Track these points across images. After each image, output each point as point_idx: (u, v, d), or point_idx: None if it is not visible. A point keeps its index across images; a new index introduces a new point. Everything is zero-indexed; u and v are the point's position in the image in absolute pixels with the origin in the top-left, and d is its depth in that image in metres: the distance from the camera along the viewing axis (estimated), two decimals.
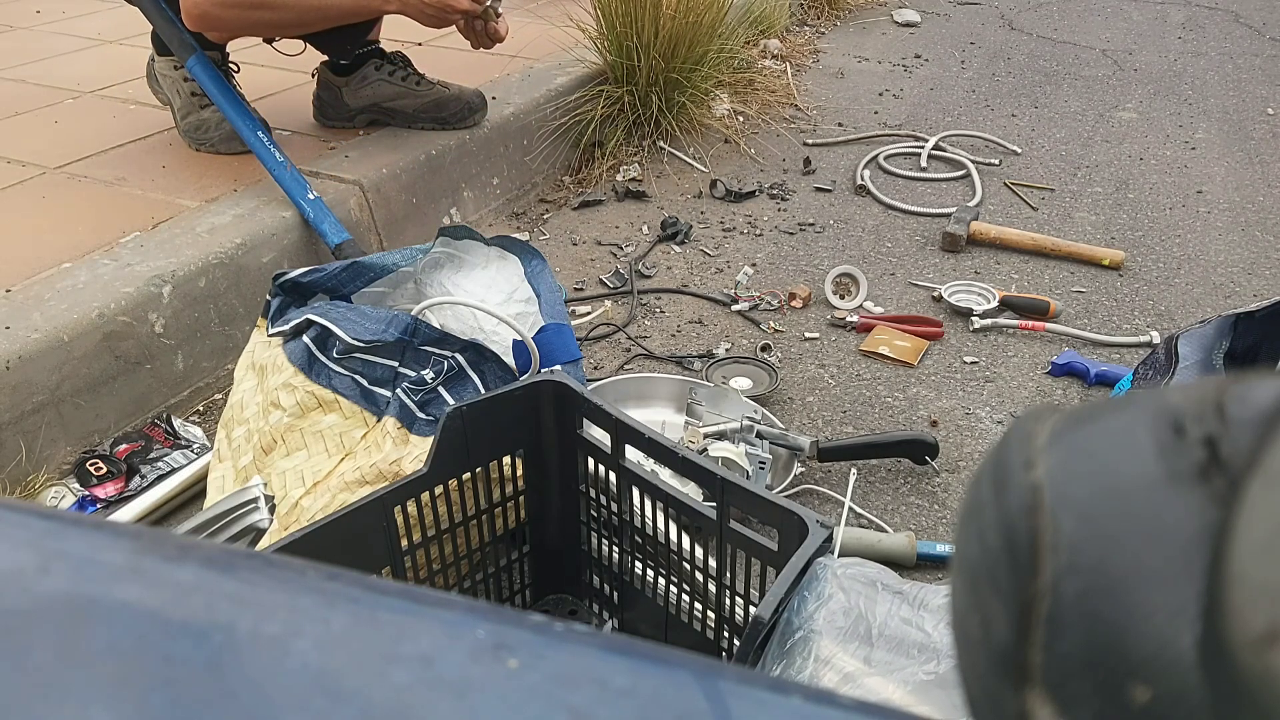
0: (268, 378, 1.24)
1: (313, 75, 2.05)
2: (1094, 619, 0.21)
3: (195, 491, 1.30)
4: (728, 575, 0.95)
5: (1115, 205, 2.26)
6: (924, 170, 2.42)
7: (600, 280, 1.89)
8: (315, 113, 2.06)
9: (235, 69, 1.91)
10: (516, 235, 1.91)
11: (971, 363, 1.65)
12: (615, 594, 1.11)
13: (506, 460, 1.05)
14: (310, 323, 1.23)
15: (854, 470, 1.38)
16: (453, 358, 1.18)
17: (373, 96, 2.00)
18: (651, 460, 1.00)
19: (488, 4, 1.79)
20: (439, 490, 0.99)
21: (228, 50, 1.89)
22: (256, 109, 1.81)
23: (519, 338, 1.20)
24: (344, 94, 2.01)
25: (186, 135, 1.90)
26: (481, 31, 1.83)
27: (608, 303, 1.82)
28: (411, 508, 0.97)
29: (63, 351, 1.32)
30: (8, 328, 1.31)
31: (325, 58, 2.02)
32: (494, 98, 2.16)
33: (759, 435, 1.34)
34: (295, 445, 1.17)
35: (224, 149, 1.87)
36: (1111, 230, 2.14)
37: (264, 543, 1.08)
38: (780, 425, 1.42)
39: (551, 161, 2.30)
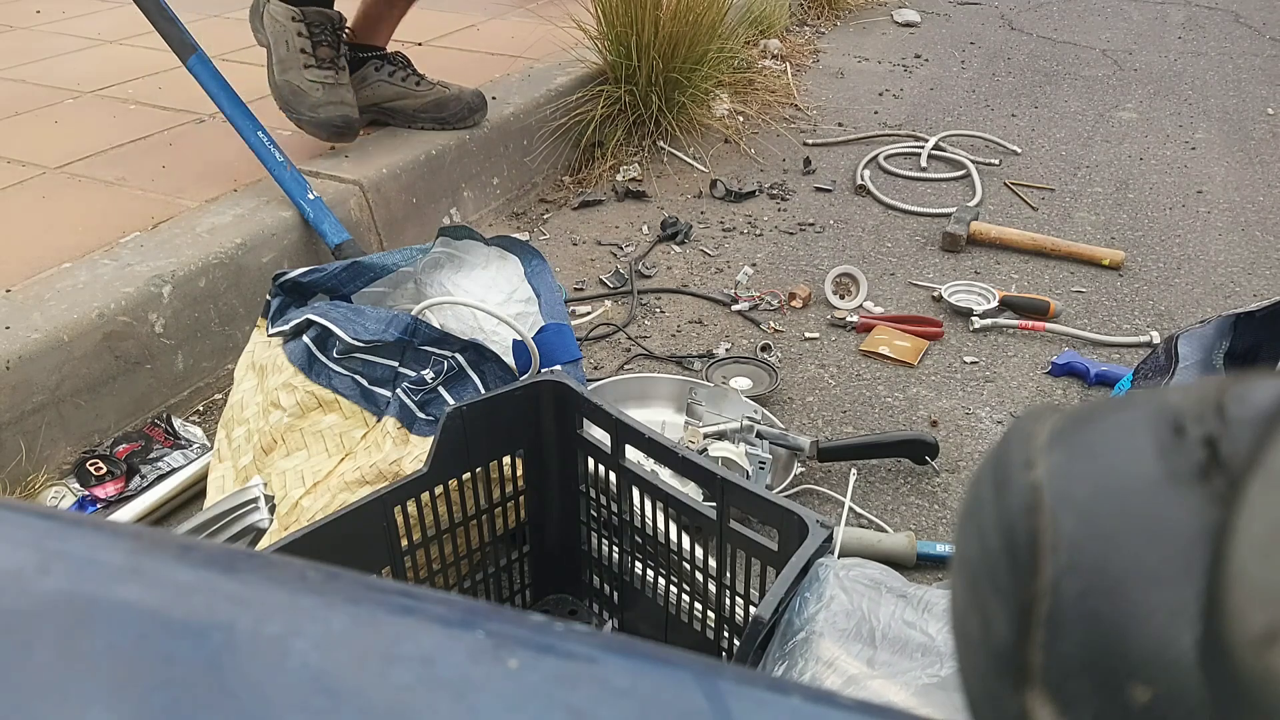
0: (268, 378, 1.24)
1: None
2: (1094, 619, 0.21)
3: (195, 491, 1.31)
4: (728, 575, 0.95)
5: (1115, 205, 2.26)
6: (924, 170, 2.42)
7: (600, 280, 1.89)
8: None
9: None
10: (516, 235, 1.90)
11: (971, 363, 1.65)
12: (615, 594, 1.11)
13: (506, 460, 1.05)
14: (310, 323, 1.23)
15: (854, 470, 1.38)
16: (453, 358, 1.18)
17: (373, 97, 2.00)
18: (651, 460, 1.00)
19: None
20: (439, 490, 0.99)
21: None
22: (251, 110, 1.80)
23: (519, 338, 1.20)
24: None
25: (279, 93, 1.81)
26: None
27: (608, 303, 1.82)
28: (411, 508, 0.97)
29: (63, 351, 1.32)
30: (8, 328, 1.31)
31: None
32: (494, 98, 2.16)
33: (759, 435, 1.34)
34: (295, 445, 1.17)
35: (310, 130, 1.80)
36: (1111, 230, 2.14)
37: (264, 543, 1.08)
38: (780, 425, 1.42)
39: (551, 161, 2.30)
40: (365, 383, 1.20)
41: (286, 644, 0.24)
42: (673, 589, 1.03)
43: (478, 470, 1.02)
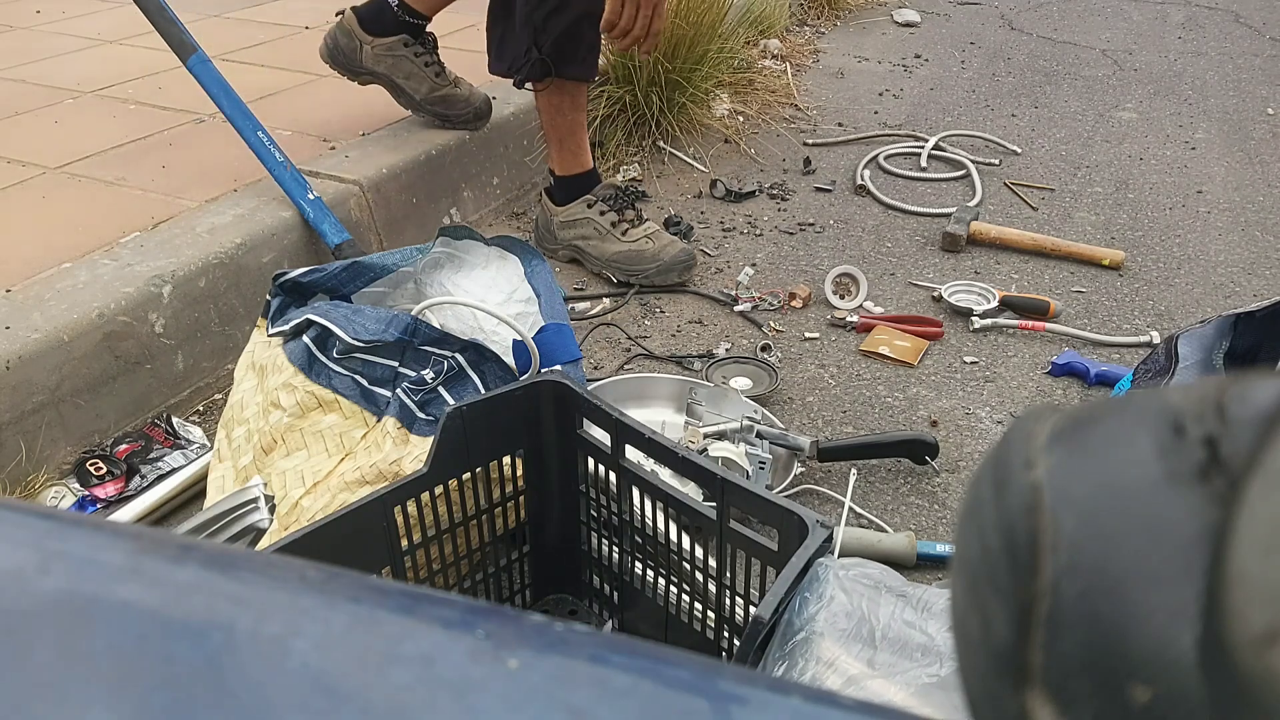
0: (268, 378, 1.24)
1: (338, 14, 2.01)
2: (1094, 619, 0.21)
3: (195, 491, 1.30)
4: (728, 575, 0.95)
5: (1115, 205, 2.26)
6: (924, 170, 2.42)
7: (600, 279, 1.89)
8: (324, 51, 2.01)
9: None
10: (516, 235, 1.91)
11: (971, 363, 1.65)
12: (615, 594, 1.11)
13: (506, 460, 1.05)
14: (310, 323, 1.23)
15: (854, 470, 1.38)
16: (453, 358, 1.18)
17: (390, 69, 1.98)
18: (651, 460, 1.00)
19: None
20: (439, 490, 0.99)
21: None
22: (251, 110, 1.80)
23: (519, 338, 1.20)
24: (363, 52, 1.97)
25: (616, 268, 1.86)
26: (645, 25, 1.66)
27: (606, 301, 1.82)
28: (411, 508, 0.97)
29: (63, 351, 1.32)
30: (8, 328, 1.31)
31: (358, 3, 1.99)
32: (494, 98, 2.16)
33: (759, 435, 1.34)
34: (295, 445, 1.17)
35: (662, 279, 1.84)
36: (1111, 230, 2.14)
37: (264, 543, 1.08)
38: (780, 425, 1.42)
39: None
40: (365, 383, 1.20)
41: (286, 644, 0.24)
42: (673, 589, 1.03)
43: (478, 470, 1.02)
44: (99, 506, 1.28)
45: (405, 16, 1.97)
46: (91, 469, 1.31)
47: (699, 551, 1.00)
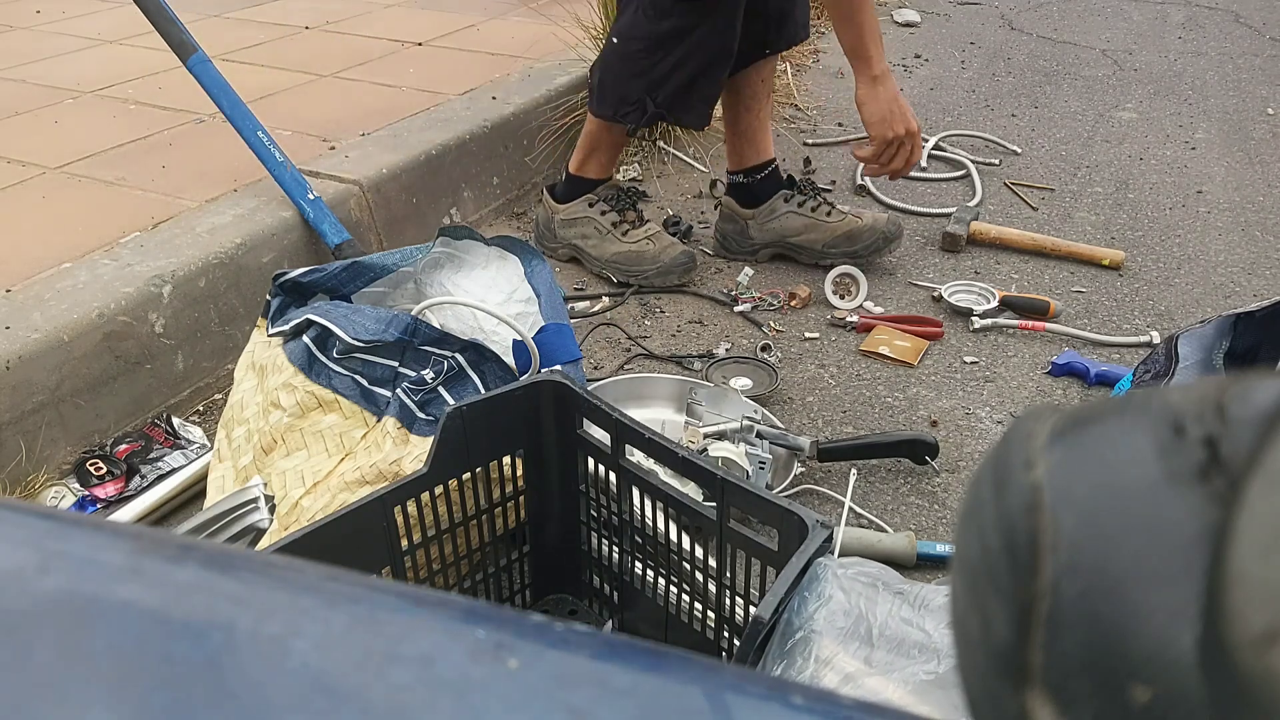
0: (268, 378, 1.24)
1: (716, 208, 2.02)
2: (1094, 619, 0.21)
3: (195, 491, 1.31)
4: (728, 575, 0.95)
5: (1115, 205, 2.26)
6: (924, 170, 2.42)
7: (601, 279, 1.89)
8: (717, 246, 2.00)
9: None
10: (516, 235, 1.91)
11: (971, 363, 1.65)
12: (615, 594, 1.11)
13: (506, 460, 1.05)
14: (310, 323, 1.23)
15: (854, 470, 1.38)
16: (453, 358, 1.18)
17: (780, 230, 1.92)
18: (651, 460, 1.00)
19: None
20: (439, 490, 0.99)
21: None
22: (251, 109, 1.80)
23: (519, 338, 1.20)
24: (750, 227, 1.94)
25: (614, 269, 1.86)
26: (904, 160, 1.72)
27: (606, 301, 1.82)
28: (411, 508, 0.97)
29: (63, 351, 1.32)
30: (8, 328, 1.31)
31: (726, 194, 1.97)
32: (494, 97, 2.16)
33: (759, 435, 1.34)
34: (295, 445, 1.17)
35: (660, 281, 1.84)
36: (1111, 230, 2.14)
37: (264, 543, 1.09)
38: (780, 425, 1.42)
39: (552, 161, 2.29)
40: (365, 383, 1.20)
41: (286, 644, 0.24)
42: (673, 589, 1.03)
43: (478, 470, 1.02)
44: (99, 506, 1.28)
45: (754, 176, 1.93)
46: (91, 469, 1.31)
47: (699, 551, 1.00)
